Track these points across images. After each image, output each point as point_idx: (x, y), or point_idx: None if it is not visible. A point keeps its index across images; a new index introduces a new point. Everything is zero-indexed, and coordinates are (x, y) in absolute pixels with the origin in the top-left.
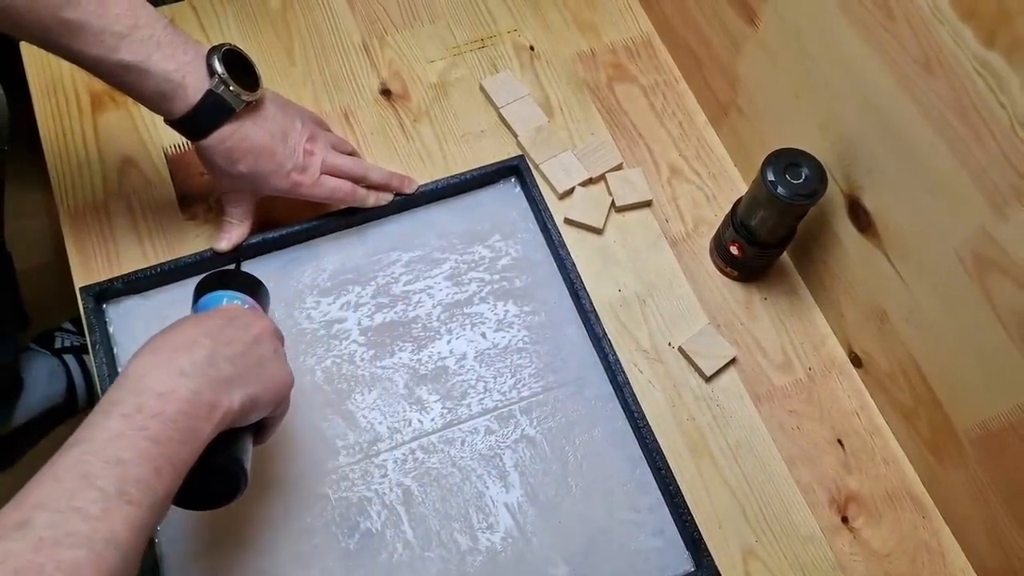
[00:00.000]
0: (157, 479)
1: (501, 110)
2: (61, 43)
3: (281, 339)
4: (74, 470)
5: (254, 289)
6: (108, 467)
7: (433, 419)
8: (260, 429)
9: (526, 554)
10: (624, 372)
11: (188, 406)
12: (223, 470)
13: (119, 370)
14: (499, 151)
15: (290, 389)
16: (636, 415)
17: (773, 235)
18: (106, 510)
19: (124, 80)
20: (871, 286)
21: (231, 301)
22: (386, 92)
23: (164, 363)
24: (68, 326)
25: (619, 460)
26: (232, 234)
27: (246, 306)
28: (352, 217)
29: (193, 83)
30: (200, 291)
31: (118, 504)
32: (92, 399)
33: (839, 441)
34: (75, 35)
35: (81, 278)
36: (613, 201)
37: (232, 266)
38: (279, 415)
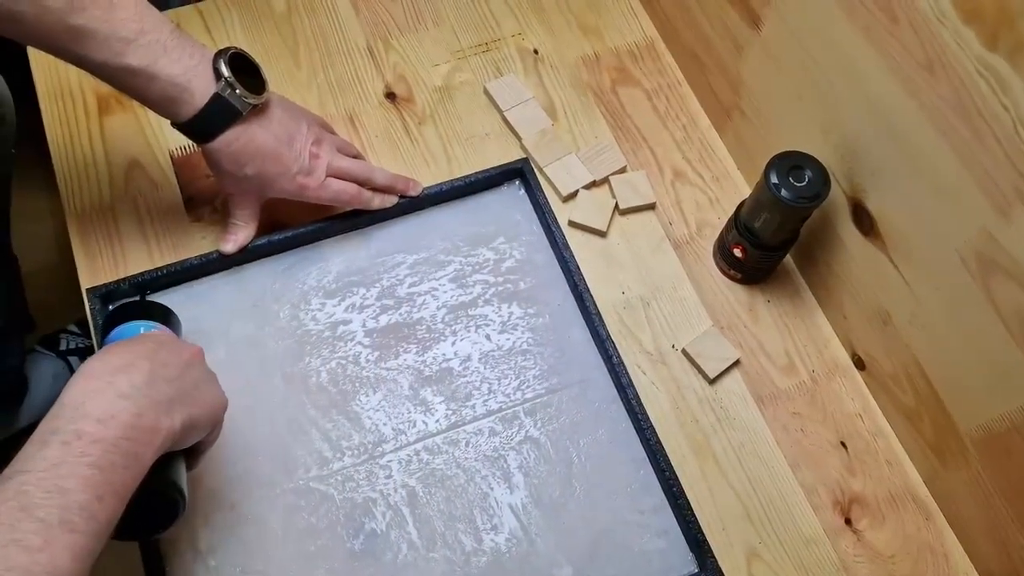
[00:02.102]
0: (99, 506)
1: (505, 113)
2: (68, 49)
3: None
4: (12, 502)
5: (166, 318)
6: (49, 496)
7: (438, 420)
8: (191, 453)
9: (530, 555)
10: (628, 374)
11: (130, 430)
12: (161, 496)
13: None
14: (503, 154)
15: (224, 411)
16: (640, 417)
17: (776, 238)
18: (48, 541)
19: (131, 84)
20: (874, 288)
21: (148, 330)
22: (391, 95)
23: (103, 387)
24: (73, 328)
25: (623, 462)
26: (238, 236)
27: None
28: (357, 219)
29: (199, 87)
30: (112, 323)
31: (60, 534)
32: None
33: (842, 443)
34: (82, 41)
35: (87, 280)
36: (617, 204)
37: (136, 297)
38: (212, 439)
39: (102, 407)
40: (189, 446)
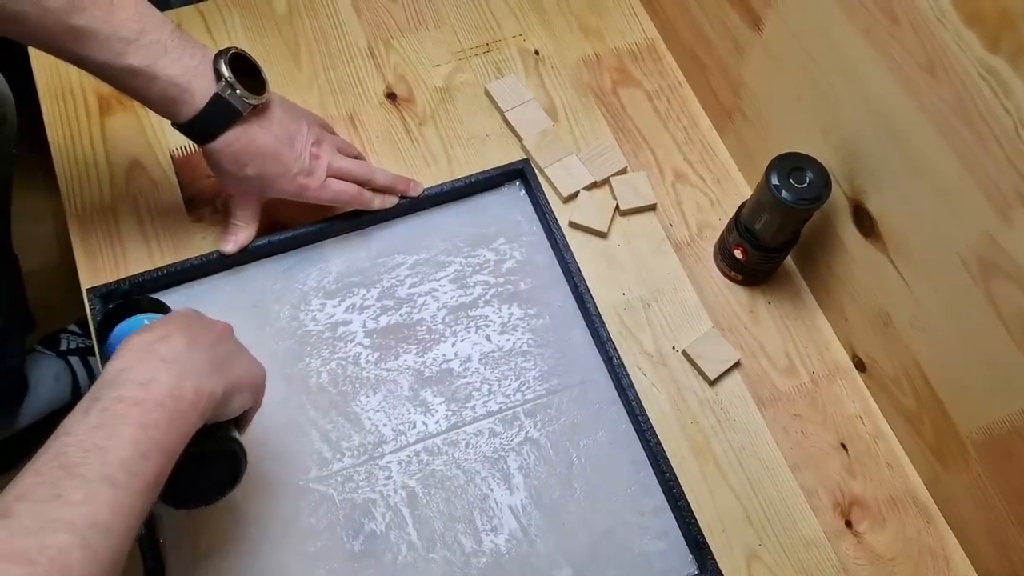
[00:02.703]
0: (144, 464)
1: (506, 114)
2: (69, 49)
3: None
4: (54, 462)
5: (165, 312)
6: (88, 455)
7: (438, 421)
8: (238, 423)
9: (530, 556)
10: (628, 375)
11: (173, 390)
12: (219, 454)
13: None
14: (504, 155)
15: (264, 378)
16: (640, 418)
17: (777, 239)
18: (89, 495)
19: (131, 85)
20: (875, 290)
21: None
22: (391, 96)
23: (142, 356)
24: (73, 328)
25: (623, 463)
26: (238, 236)
27: None
28: (357, 220)
29: (200, 87)
30: (112, 320)
31: (100, 488)
32: None
33: (843, 445)
34: (82, 41)
35: (88, 279)
36: (617, 205)
37: (131, 296)
38: (256, 407)
39: (144, 372)
40: (235, 416)
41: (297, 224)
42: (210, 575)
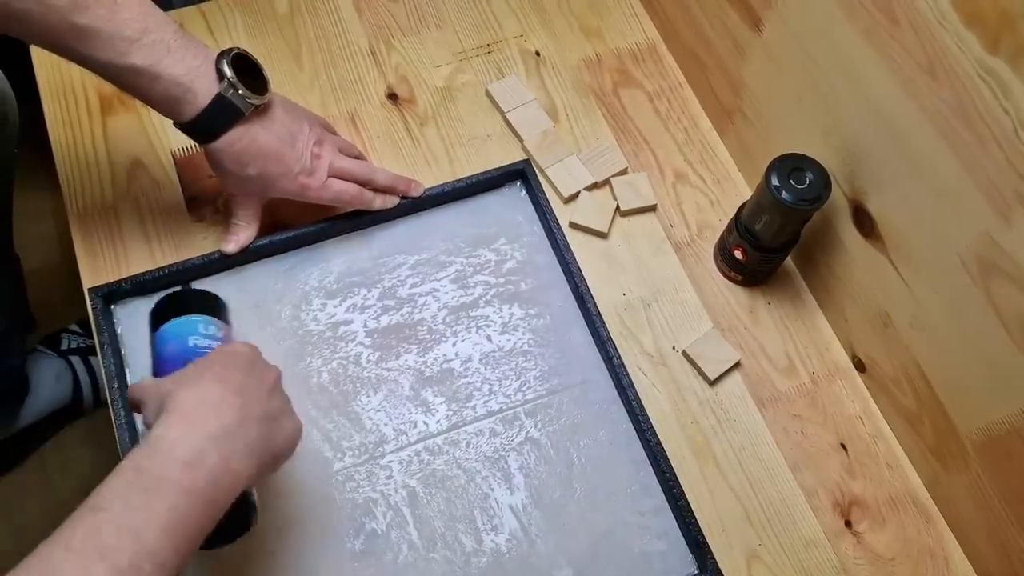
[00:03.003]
0: (174, 555)
1: (507, 115)
2: (72, 48)
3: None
4: (89, 541)
5: (219, 308)
6: (124, 540)
7: (438, 421)
8: None
9: (531, 556)
10: (628, 375)
11: (215, 476)
12: (234, 509)
13: (127, 371)
14: (505, 155)
15: (299, 437)
16: (640, 418)
17: (777, 240)
18: None
19: (134, 84)
20: (875, 291)
21: (207, 327)
22: (393, 96)
23: (191, 429)
24: (74, 328)
25: (623, 463)
26: (240, 236)
27: (221, 332)
28: (358, 220)
29: (203, 87)
30: (164, 314)
31: None
32: (98, 401)
33: (842, 445)
34: (86, 40)
35: (89, 279)
36: (618, 205)
37: (181, 287)
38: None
39: (189, 449)
40: None
41: (298, 224)
42: (210, 575)
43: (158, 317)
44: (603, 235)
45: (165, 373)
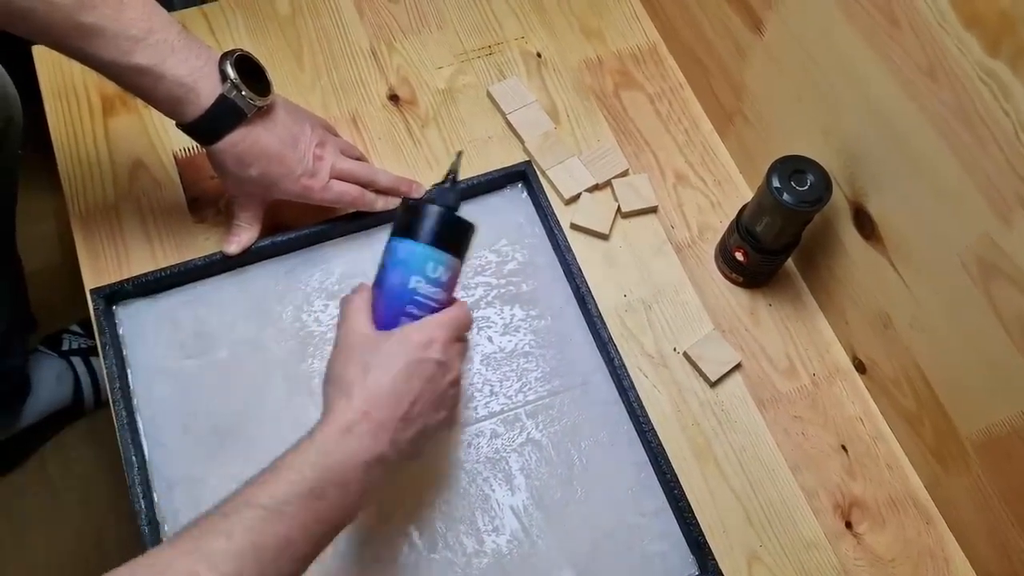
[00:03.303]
0: (313, 552)
1: (508, 116)
2: (77, 46)
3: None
4: (247, 536)
5: (461, 243)
6: (277, 541)
7: None
8: None
9: (532, 557)
10: (629, 377)
11: (367, 487)
12: None
13: (128, 371)
14: (506, 157)
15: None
16: (641, 420)
17: (778, 241)
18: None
19: (138, 84)
20: (875, 292)
21: (435, 269)
22: (394, 98)
23: (367, 434)
24: (75, 328)
25: (624, 464)
26: (241, 237)
27: (446, 277)
28: (360, 221)
29: (206, 88)
30: (409, 223)
31: (272, 569)
32: (98, 401)
33: (843, 447)
34: (91, 39)
35: (91, 280)
36: (619, 207)
37: (448, 185)
38: None
39: (354, 466)
40: None
41: (300, 225)
42: None
43: (404, 219)
44: (604, 236)
45: (380, 298)
